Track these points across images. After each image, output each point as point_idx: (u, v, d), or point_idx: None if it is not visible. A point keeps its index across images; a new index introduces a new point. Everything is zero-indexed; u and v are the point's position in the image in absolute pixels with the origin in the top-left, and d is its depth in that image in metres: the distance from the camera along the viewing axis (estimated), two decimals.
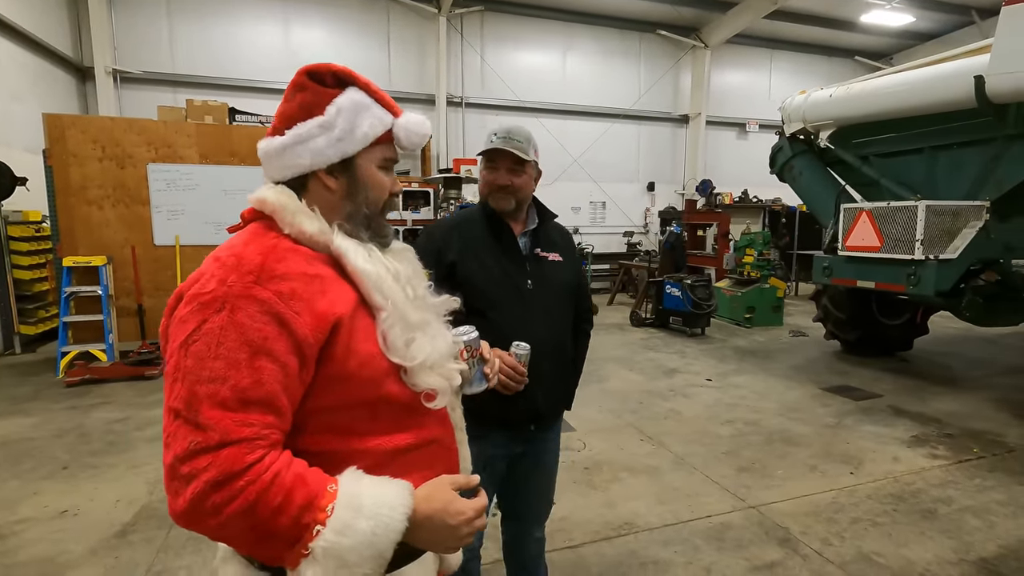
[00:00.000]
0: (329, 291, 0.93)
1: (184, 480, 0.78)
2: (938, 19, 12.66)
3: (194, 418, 0.80)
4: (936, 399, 5.20)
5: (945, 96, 4.94)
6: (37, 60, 8.16)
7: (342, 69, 1.04)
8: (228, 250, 0.93)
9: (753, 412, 4.84)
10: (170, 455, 0.80)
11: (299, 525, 0.81)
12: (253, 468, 0.80)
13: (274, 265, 0.90)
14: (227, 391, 0.81)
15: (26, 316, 6.86)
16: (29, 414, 4.69)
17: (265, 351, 0.84)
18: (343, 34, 10.59)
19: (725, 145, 13.92)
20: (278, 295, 0.87)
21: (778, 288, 8.80)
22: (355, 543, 0.82)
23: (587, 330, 2.04)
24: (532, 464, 1.90)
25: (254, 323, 0.84)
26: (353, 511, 0.84)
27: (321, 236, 0.98)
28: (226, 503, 0.78)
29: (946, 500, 3.31)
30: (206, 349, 0.83)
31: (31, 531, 2.95)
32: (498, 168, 1.73)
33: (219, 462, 0.78)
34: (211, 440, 0.79)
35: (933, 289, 4.85)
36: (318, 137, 0.99)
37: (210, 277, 0.88)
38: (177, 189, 6.37)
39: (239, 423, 0.81)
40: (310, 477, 0.85)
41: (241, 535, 0.81)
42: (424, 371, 1.00)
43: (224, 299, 0.85)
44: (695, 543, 2.87)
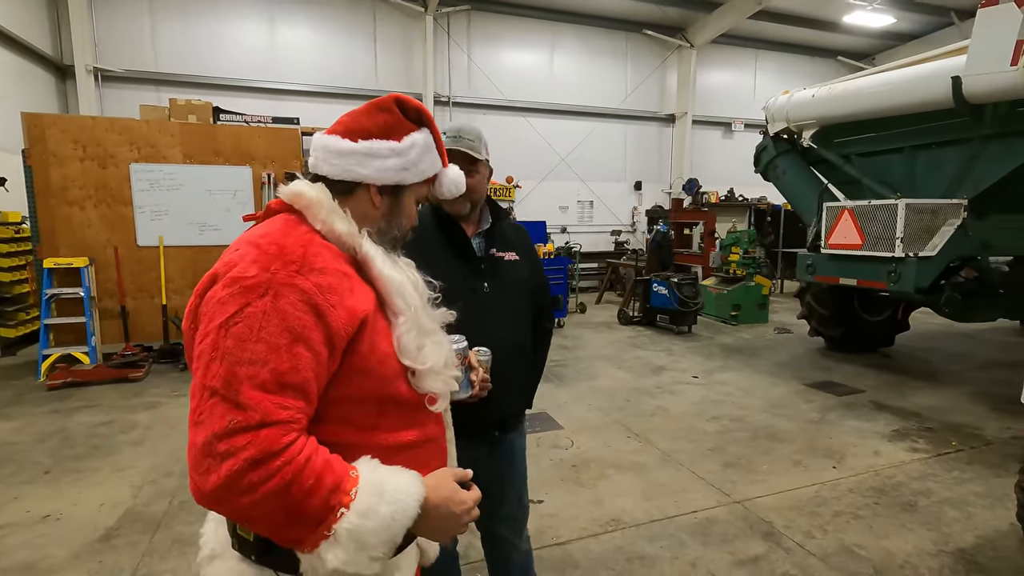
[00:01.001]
0: (356, 290, 0.98)
1: (220, 457, 0.80)
2: (919, 20, 12.87)
3: (234, 397, 0.82)
4: (916, 394, 5.29)
5: (924, 96, 5.04)
6: (15, 58, 8.01)
7: (427, 110, 1.15)
8: (266, 238, 0.95)
9: (738, 408, 4.90)
10: (205, 432, 0.81)
11: (327, 507, 0.84)
12: (289, 449, 0.83)
13: (313, 258, 0.94)
14: (267, 374, 0.84)
15: (6, 319, 6.74)
16: (10, 418, 4.61)
17: (304, 339, 0.88)
18: (329, 33, 10.52)
19: (711, 144, 14.04)
20: (318, 287, 0.91)
21: (763, 286, 8.91)
22: (376, 526, 0.86)
23: (548, 327, 2.01)
24: (500, 468, 1.85)
25: (295, 311, 0.88)
26: (376, 496, 0.88)
27: (349, 238, 1.02)
28: (263, 481, 0.80)
29: (926, 492, 3.38)
30: (248, 331, 0.85)
31: (12, 537, 2.91)
32: None
33: (258, 441, 0.81)
34: (252, 419, 0.81)
35: (913, 286, 4.94)
36: (388, 158, 1.07)
37: (251, 262, 0.91)
38: (160, 189, 6.29)
39: (278, 405, 0.84)
40: (335, 462, 0.89)
41: (271, 515, 0.83)
42: (431, 376, 1.06)
43: (268, 285, 0.88)
44: (681, 538, 2.91)
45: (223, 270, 0.92)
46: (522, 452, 1.94)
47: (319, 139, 1.08)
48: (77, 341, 5.99)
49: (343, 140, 1.06)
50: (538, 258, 2.00)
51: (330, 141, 1.06)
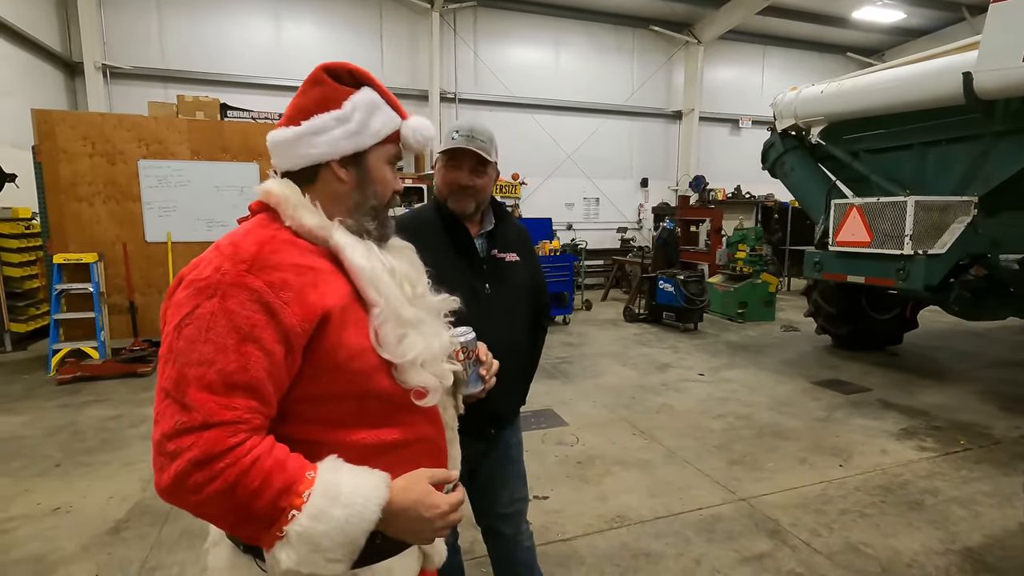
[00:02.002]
0: (321, 284, 0.95)
1: (169, 457, 0.82)
2: (929, 15, 12.74)
3: (181, 398, 0.83)
4: (924, 392, 5.26)
5: (934, 92, 4.99)
6: (25, 55, 8.07)
7: (358, 69, 1.10)
8: (228, 239, 0.96)
9: (744, 406, 4.89)
10: (158, 432, 0.83)
11: (276, 508, 0.84)
12: (234, 451, 0.83)
13: (268, 255, 0.92)
14: (213, 375, 0.84)
15: (16, 314, 6.81)
16: (20, 412, 4.66)
17: (252, 338, 0.87)
18: (335, 29, 10.53)
19: (718, 141, 13.96)
20: (268, 285, 0.89)
21: (770, 283, 8.86)
22: (328, 529, 0.85)
23: (544, 326, 2.02)
24: (497, 465, 1.87)
25: (243, 310, 0.87)
26: (329, 499, 0.86)
27: (320, 231, 1.00)
28: (207, 482, 0.81)
29: (933, 491, 3.37)
30: (197, 333, 0.86)
31: (23, 529, 2.94)
32: (460, 168, 1.66)
33: (201, 443, 0.81)
34: (195, 421, 0.82)
35: (922, 284, 4.90)
36: (334, 129, 1.03)
37: (207, 264, 0.91)
38: (168, 185, 6.33)
39: (223, 406, 0.84)
40: (290, 463, 0.87)
41: (220, 514, 0.85)
42: (414, 369, 1.01)
43: (217, 286, 0.88)
44: (686, 535, 2.91)
45: (186, 272, 0.93)
46: (518, 448, 1.95)
47: (270, 138, 1.06)
48: (86, 336, 6.04)
49: (288, 128, 1.04)
50: (538, 259, 2.00)
51: (278, 135, 1.05)
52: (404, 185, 6.29)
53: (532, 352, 1.96)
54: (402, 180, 7.64)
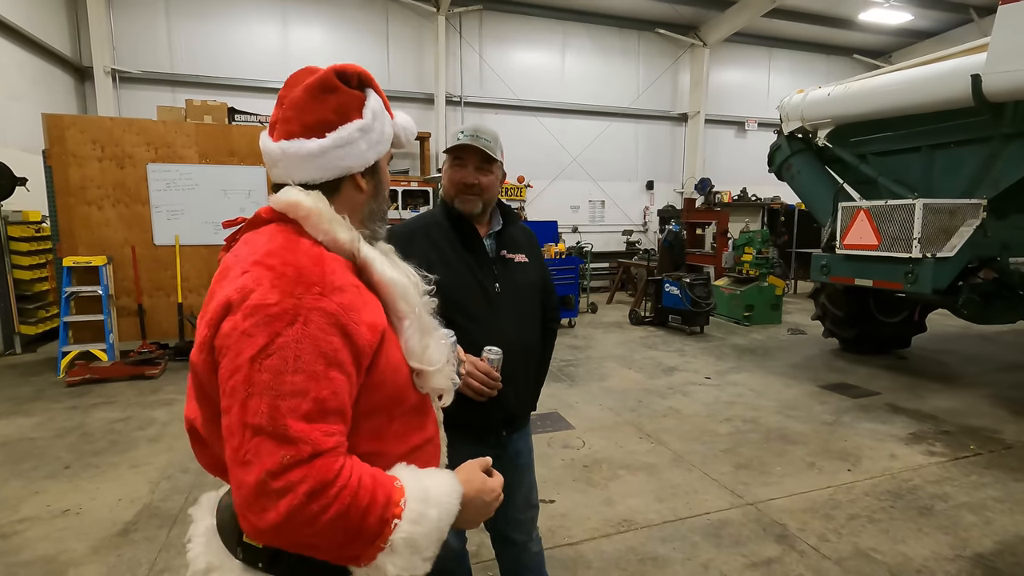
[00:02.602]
0: (368, 301, 0.96)
1: (276, 495, 0.78)
2: (937, 17, 12.67)
3: (282, 432, 0.80)
4: (933, 396, 5.22)
5: (943, 95, 4.96)
6: (36, 60, 8.15)
7: (365, 72, 1.06)
8: (276, 257, 0.90)
9: (751, 410, 4.86)
10: (257, 471, 0.79)
11: (383, 521, 0.85)
12: (340, 475, 0.82)
13: (331, 276, 0.91)
14: (309, 404, 0.82)
15: (26, 316, 6.87)
16: (30, 414, 4.70)
17: (337, 363, 0.86)
18: (342, 33, 10.59)
19: (724, 143, 13.93)
20: (342, 307, 0.88)
21: (777, 286, 8.83)
22: (427, 530, 0.89)
23: (554, 328, 2.03)
24: (508, 469, 1.81)
25: (325, 335, 0.85)
26: (423, 502, 0.90)
27: (351, 245, 0.99)
28: (323, 511, 0.79)
29: (943, 497, 3.34)
30: (283, 363, 0.82)
31: (33, 530, 2.97)
32: (465, 166, 1.68)
33: (314, 473, 0.80)
34: (304, 452, 0.80)
35: (930, 287, 4.87)
36: (359, 141, 1.01)
37: (271, 287, 0.86)
38: (177, 189, 6.38)
39: (325, 433, 0.83)
40: (379, 476, 0.89)
41: (331, 540, 0.83)
42: (437, 374, 1.06)
43: (296, 312, 0.84)
44: (693, 540, 2.89)
45: (238, 297, 0.86)
46: (528, 453, 1.94)
47: (276, 149, 0.99)
48: (95, 338, 6.09)
49: (309, 141, 0.97)
50: (544, 260, 2.01)
51: (293, 147, 0.98)
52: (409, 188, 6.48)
53: (543, 353, 1.96)
54: (408, 184, 7.80)
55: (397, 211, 9.17)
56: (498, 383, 1.56)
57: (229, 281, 0.90)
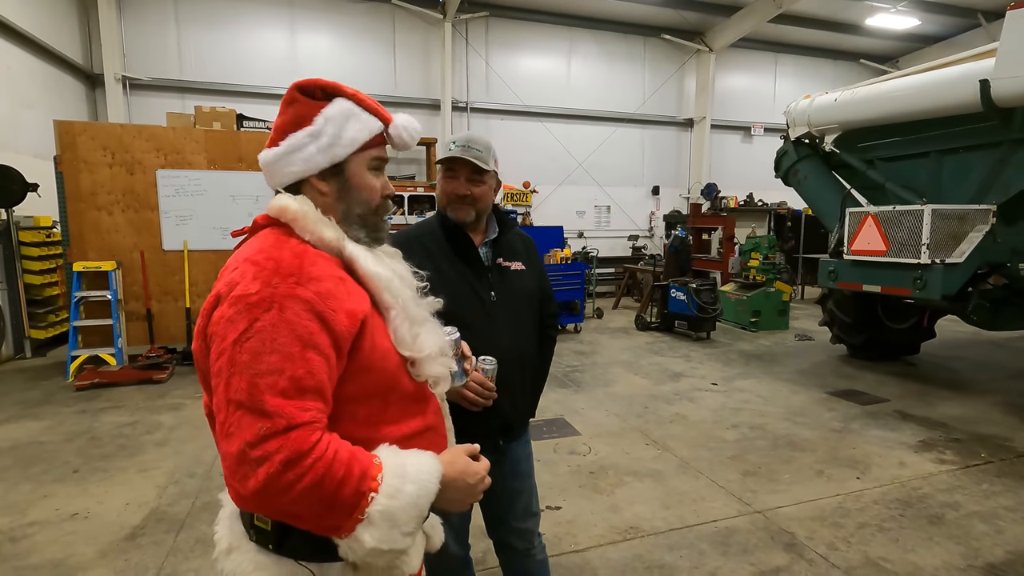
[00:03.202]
0: (352, 292, 1.03)
1: (255, 463, 0.85)
2: (944, 22, 12.63)
3: (259, 407, 0.88)
4: (943, 403, 5.17)
5: (951, 100, 4.94)
6: (47, 67, 8.26)
7: (329, 83, 1.13)
8: (262, 254, 1.00)
9: (759, 416, 4.84)
10: (237, 443, 0.87)
11: (359, 493, 0.90)
12: (317, 447, 0.88)
13: (309, 268, 0.98)
14: (285, 382, 0.90)
15: (37, 320, 6.93)
16: (40, 418, 4.74)
17: (312, 345, 0.93)
18: (349, 40, 10.66)
19: (730, 149, 13.91)
20: (318, 295, 0.96)
21: (784, 292, 8.78)
22: (404, 504, 0.94)
23: (552, 335, 2.01)
24: (507, 477, 1.84)
25: (301, 320, 0.93)
26: (400, 478, 0.95)
27: (336, 243, 1.07)
28: (298, 479, 0.86)
29: (953, 505, 3.30)
30: (261, 345, 0.90)
31: (42, 534, 2.98)
32: (457, 177, 1.69)
33: (289, 444, 0.86)
34: (279, 425, 0.87)
35: (940, 293, 4.84)
36: (308, 145, 1.07)
37: (252, 279, 0.95)
38: (185, 194, 6.43)
39: (300, 409, 0.90)
40: (359, 452, 0.95)
41: (309, 508, 0.89)
42: (430, 362, 1.12)
43: (272, 299, 0.93)
44: (700, 548, 2.87)
45: (225, 290, 0.96)
46: (528, 460, 1.93)
47: (260, 159, 1.12)
48: (104, 343, 6.14)
49: (271, 149, 1.09)
50: (543, 267, 2.01)
51: (265, 156, 1.10)
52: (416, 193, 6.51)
53: (540, 361, 1.95)
54: (414, 189, 7.80)
55: (403, 216, 9.21)
56: (493, 393, 1.56)
57: (222, 277, 1.01)
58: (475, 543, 2.43)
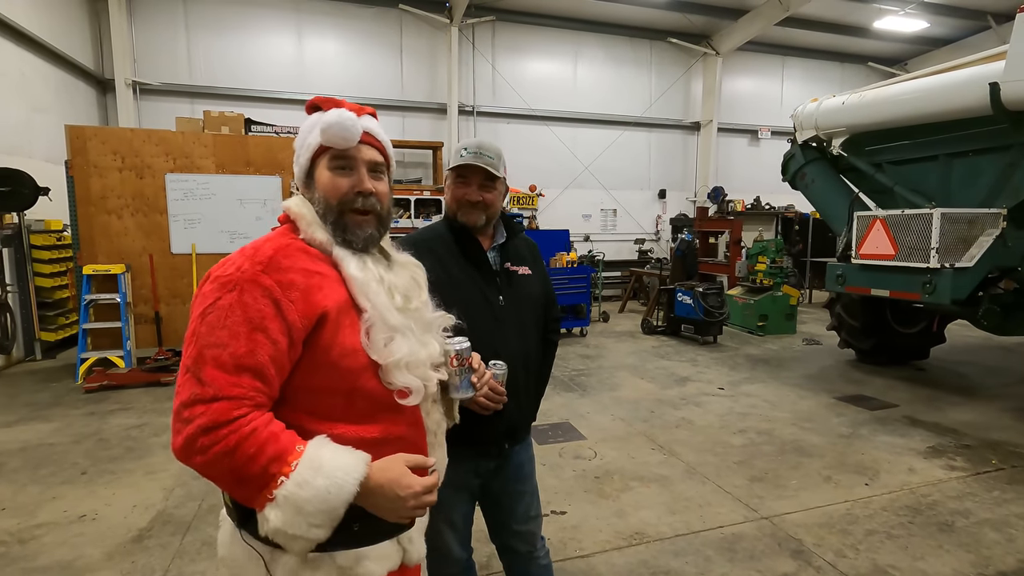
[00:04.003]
0: (325, 287, 1.10)
1: (183, 422, 0.97)
2: (953, 25, 12.54)
3: (198, 374, 0.98)
4: (953, 409, 5.12)
5: (960, 103, 4.90)
6: (60, 72, 8.36)
7: (314, 100, 1.24)
8: (252, 244, 1.12)
9: (766, 421, 4.80)
10: (177, 401, 0.99)
11: (267, 474, 0.96)
12: (237, 421, 0.96)
13: (281, 259, 1.07)
14: (226, 356, 0.99)
15: (47, 323, 7.00)
16: (49, 420, 4.78)
17: (262, 328, 1.01)
18: (356, 45, 10.72)
19: (737, 152, 13.87)
20: (278, 283, 1.04)
21: (791, 296, 8.73)
22: (311, 496, 0.97)
23: (555, 340, 2.02)
24: (510, 480, 1.86)
25: (256, 304, 1.02)
26: (313, 470, 0.98)
27: (326, 244, 1.16)
28: (211, 445, 0.95)
29: (964, 513, 3.26)
30: (216, 320, 1.01)
31: (50, 535, 3.00)
32: (469, 184, 1.70)
33: (210, 412, 0.96)
34: (207, 393, 0.97)
35: (949, 298, 4.79)
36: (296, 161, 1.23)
37: (231, 263, 1.07)
38: (194, 198, 6.48)
39: (231, 384, 0.98)
40: (283, 437, 1.00)
41: (221, 475, 0.98)
42: (398, 370, 1.13)
43: (237, 282, 1.04)
44: (707, 554, 2.85)
45: (214, 269, 1.09)
46: (530, 463, 1.94)
47: None
48: (113, 345, 6.19)
49: None
50: (547, 272, 2.02)
51: None
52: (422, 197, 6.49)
53: (543, 366, 1.97)
54: (420, 193, 7.78)
55: (410, 220, 9.24)
56: (503, 397, 1.56)
57: None
58: (479, 547, 2.42)
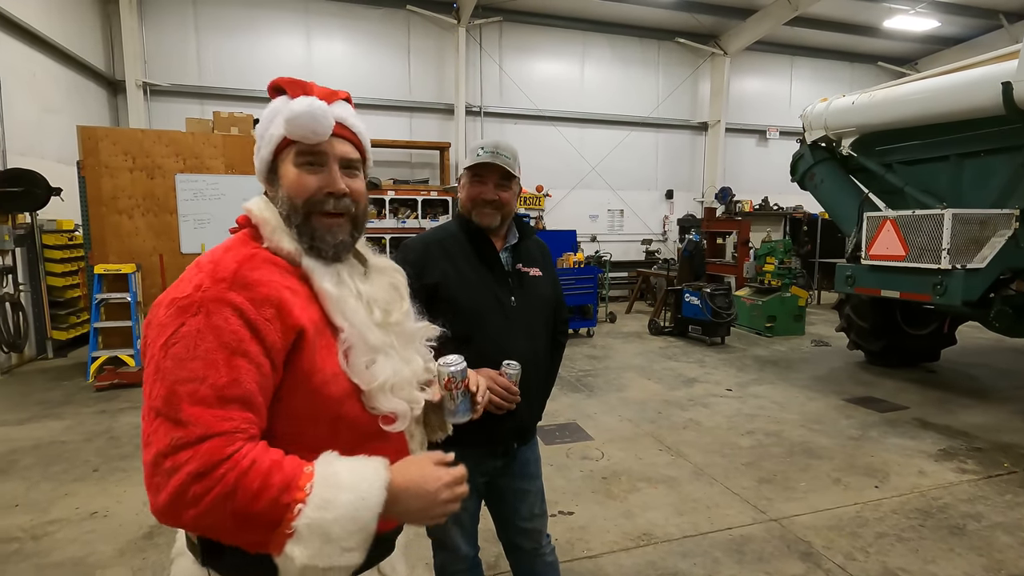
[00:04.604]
0: (297, 303, 0.96)
1: (166, 474, 0.80)
2: (964, 24, 12.42)
3: (175, 415, 0.82)
4: (964, 411, 5.07)
5: (971, 103, 4.86)
6: (71, 74, 8.44)
7: (277, 82, 1.08)
8: (208, 256, 0.97)
9: (774, 423, 4.78)
10: (151, 452, 0.82)
11: (279, 506, 0.82)
12: (232, 457, 0.82)
13: (247, 273, 0.93)
14: (206, 389, 0.84)
15: (58, 322, 7.07)
16: (61, 417, 4.83)
17: (241, 352, 0.87)
18: (363, 46, 10.76)
19: (745, 152, 13.80)
20: (251, 301, 0.90)
21: (799, 297, 8.68)
22: (338, 516, 0.84)
23: (563, 341, 2.04)
24: (515, 479, 1.87)
25: (228, 326, 0.87)
26: (332, 487, 0.85)
27: (293, 254, 1.01)
28: (206, 492, 0.80)
29: (975, 516, 3.23)
30: (184, 351, 0.85)
31: (63, 532, 3.04)
32: (485, 183, 1.69)
33: (200, 455, 0.80)
34: (192, 435, 0.81)
35: (960, 299, 4.75)
36: (258, 153, 1.07)
37: (187, 282, 0.92)
38: (203, 198, 6.53)
39: (219, 418, 0.84)
40: (286, 462, 0.86)
41: (221, 522, 0.82)
42: (383, 394, 1.01)
43: (200, 303, 0.88)
44: (715, 555, 2.84)
45: (166, 294, 0.93)
46: (536, 462, 1.96)
47: None
48: (124, 344, 6.25)
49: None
50: (556, 274, 2.03)
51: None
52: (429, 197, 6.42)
53: (551, 367, 1.99)
54: (427, 193, 7.71)
55: (417, 220, 9.26)
56: (517, 397, 1.57)
57: None
58: (487, 547, 2.43)
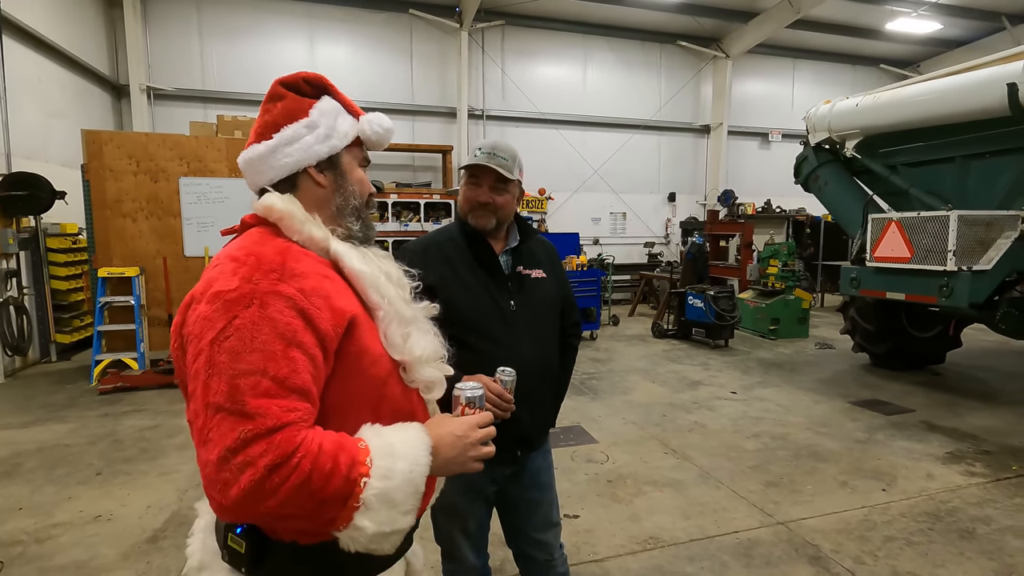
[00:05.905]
0: (341, 291, 0.99)
1: (237, 469, 0.80)
2: (967, 26, 12.42)
3: (240, 409, 0.82)
4: (971, 414, 5.04)
5: (976, 104, 4.85)
6: (75, 78, 8.48)
7: (315, 76, 1.11)
8: (243, 250, 0.95)
9: (780, 426, 4.75)
10: (216, 449, 0.81)
11: (349, 482, 0.86)
12: (302, 446, 0.83)
13: (293, 264, 0.94)
14: (268, 381, 0.84)
15: (62, 325, 7.08)
16: (64, 421, 4.83)
17: (296, 343, 0.88)
18: (366, 50, 10.80)
19: (747, 155, 13.80)
20: (301, 291, 0.91)
21: (803, 299, 8.65)
22: (400, 483, 0.91)
23: (574, 344, 1.98)
24: (526, 488, 1.82)
25: (283, 317, 0.88)
26: (390, 457, 0.92)
27: (324, 241, 1.03)
28: (284, 481, 0.81)
29: (985, 519, 3.21)
30: (240, 344, 0.85)
31: (67, 535, 3.03)
32: (480, 185, 1.66)
33: (274, 447, 0.81)
34: (262, 426, 0.82)
35: (967, 301, 4.73)
36: (306, 136, 1.05)
37: (231, 275, 0.91)
38: (207, 202, 6.54)
39: (286, 409, 0.84)
40: (345, 441, 0.90)
41: (300, 508, 0.84)
42: (422, 365, 1.07)
43: (252, 295, 0.88)
44: (722, 559, 2.82)
45: (202, 288, 0.92)
46: (548, 470, 1.90)
47: (240, 160, 1.09)
48: (127, 347, 6.25)
49: (259, 145, 1.05)
50: (565, 275, 1.98)
51: (251, 152, 1.06)
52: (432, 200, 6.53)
53: (562, 371, 1.91)
54: (430, 196, 7.81)
55: (419, 223, 9.26)
56: (511, 405, 1.50)
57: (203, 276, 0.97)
58: (494, 552, 2.41)
